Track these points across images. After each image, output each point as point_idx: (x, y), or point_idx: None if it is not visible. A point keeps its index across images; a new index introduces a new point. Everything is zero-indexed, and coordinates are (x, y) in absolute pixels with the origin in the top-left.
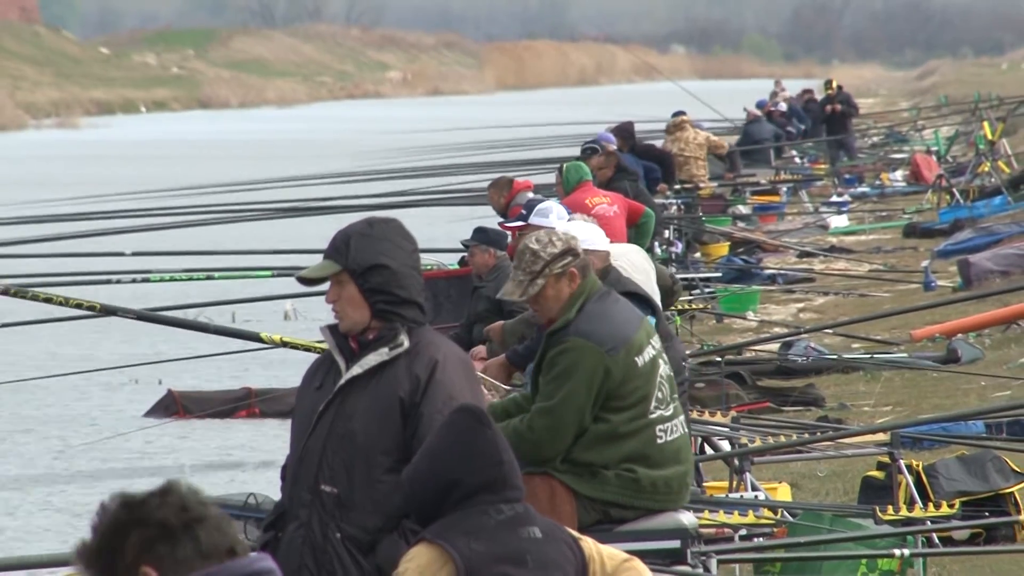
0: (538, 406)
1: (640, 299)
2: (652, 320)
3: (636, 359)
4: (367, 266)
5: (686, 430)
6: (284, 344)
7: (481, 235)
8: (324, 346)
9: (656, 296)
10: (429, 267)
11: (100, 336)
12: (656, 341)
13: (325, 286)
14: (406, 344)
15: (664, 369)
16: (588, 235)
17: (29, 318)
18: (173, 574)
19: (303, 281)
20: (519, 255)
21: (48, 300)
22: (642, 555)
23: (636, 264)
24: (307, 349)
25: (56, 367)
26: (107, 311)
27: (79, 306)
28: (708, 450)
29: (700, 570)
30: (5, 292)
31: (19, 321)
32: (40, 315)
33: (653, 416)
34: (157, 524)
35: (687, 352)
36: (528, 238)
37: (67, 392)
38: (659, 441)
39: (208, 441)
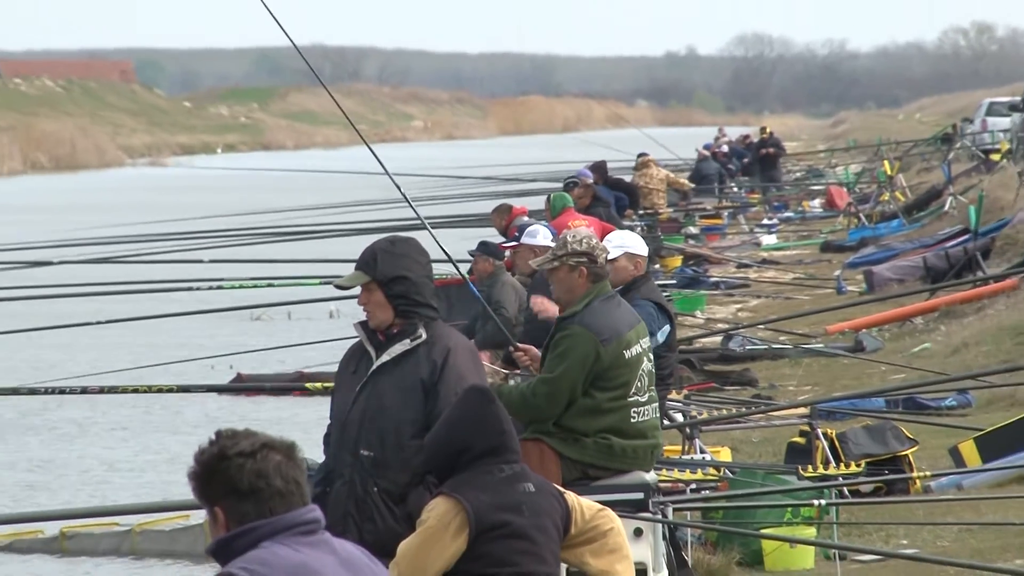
0: (541, 376)
1: (661, 308)
2: (668, 328)
3: (624, 352)
4: (391, 277)
5: (657, 415)
6: (325, 391)
7: (483, 247)
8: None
9: None
10: (442, 276)
11: (193, 334)
12: (645, 342)
13: (357, 290)
14: (424, 336)
15: (647, 365)
16: (635, 244)
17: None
18: (237, 520)
19: (339, 287)
20: (559, 239)
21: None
22: (613, 505)
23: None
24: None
25: (164, 357)
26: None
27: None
28: (665, 421)
29: (659, 516)
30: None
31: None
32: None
33: (630, 400)
34: (231, 480)
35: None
36: (571, 231)
37: (167, 372)
38: (632, 420)
39: (266, 413)
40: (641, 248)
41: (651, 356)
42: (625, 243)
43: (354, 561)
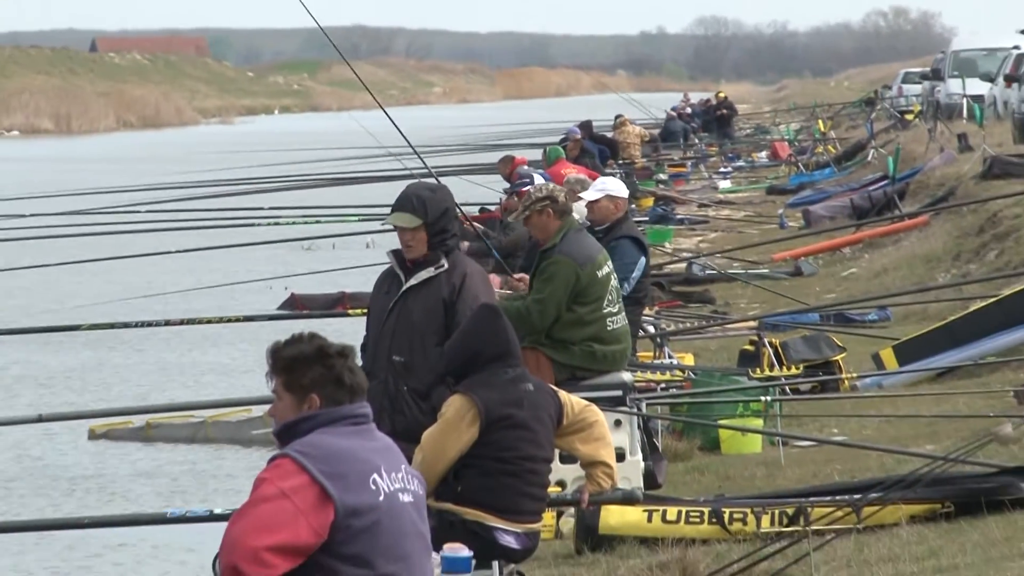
0: (533, 297)
1: (638, 243)
2: (642, 261)
3: (597, 272)
4: (436, 219)
5: (626, 323)
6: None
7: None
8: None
9: None
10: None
11: (256, 261)
12: (609, 264)
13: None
14: (446, 265)
15: (613, 282)
16: (616, 188)
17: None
18: (326, 404)
19: (395, 226)
20: (526, 196)
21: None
22: (597, 401)
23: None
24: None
25: (228, 278)
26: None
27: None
28: (640, 332)
29: (635, 410)
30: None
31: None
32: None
33: (605, 311)
34: (336, 374)
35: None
36: (533, 187)
37: (234, 291)
38: (609, 328)
39: (317, 324)
40: (621, 191)
41: (615, 275)
42: (607, 187)
43: (390, 449)
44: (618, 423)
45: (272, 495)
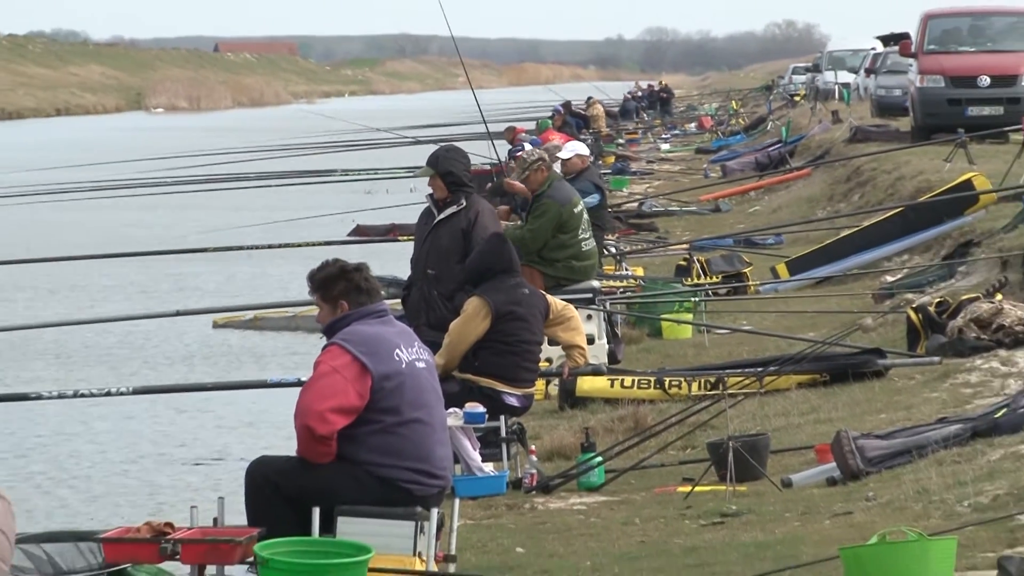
0: (528, 227)
1: (597, 186)
2: (598, 197)
3: (573, 210)
4: (446, 171)
5: (595, 244)
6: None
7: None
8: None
9: None
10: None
11: (332, 202)
12: (582, 203)
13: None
14: (464, 204)
15: (585, 216)
16: (582, 149)
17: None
18: (352, 306)
19: (421, 175)
20: (521, 160)
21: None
22: (574, 301)
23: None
24: None
25: (313, 213)
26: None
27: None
28: (605, 252)
29: (601, 308)
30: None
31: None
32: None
33: (580, 237)
34: (356, 282)
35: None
36: (525, 151)
37: (315, 223)
38: (583, 249)
39: (376, 248)
40: (585, 151)
41: (586, 211)
42: (576, 148)
43: (406, 331)
44: (589, 317)
45: (327, 372)
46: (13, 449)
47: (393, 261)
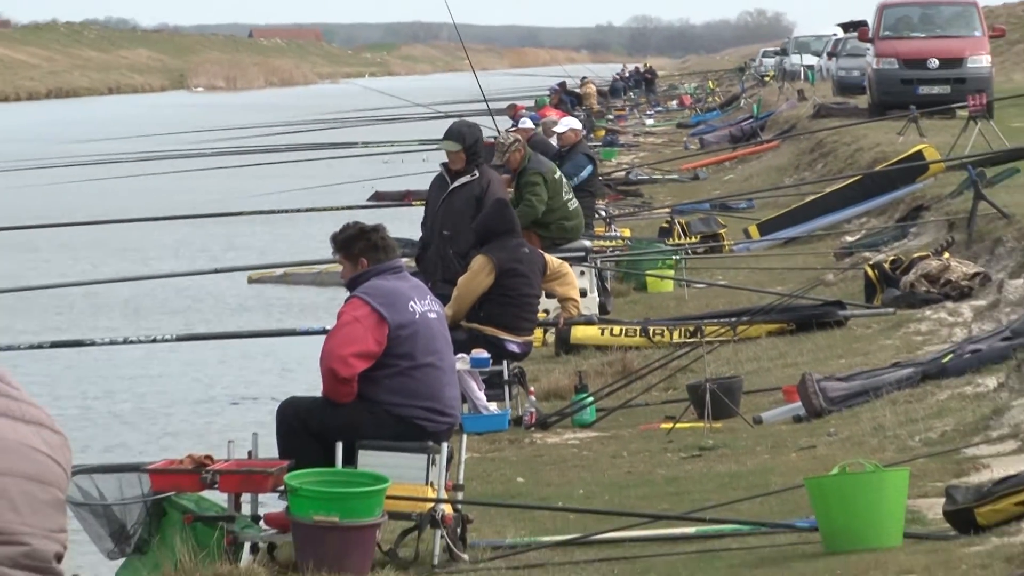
0: (525, 202)
1: (588, 156)
2: (590, 168)
3: (554, 176)
4: (470, 145)
5: (578, 204)
6: (421, 204)
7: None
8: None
9: None
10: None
11: (353, 170)
12: (558, 170)
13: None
14: (477, 175)
15: (565, 181)
16: (575, 123)
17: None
18: (371, 263)
19: (443, 147)
20: (499, 144)
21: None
22: (568, 259)
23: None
24: None
25: (337, 181)
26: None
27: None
28: (596, 215)
29: (592, 265)
30: None
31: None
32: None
33: (566, 198)
34: (374, 242)
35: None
36: (501, 135)
37: (335, 190)
38: (570, 208)
39: (392, 211)
40: (578, 125)
41: (564, 176)
42: (571, 123)
43: (419, 285)
44: (582, 273)
45: (349, 321)
46: (70, 389)
47: (408, 223)
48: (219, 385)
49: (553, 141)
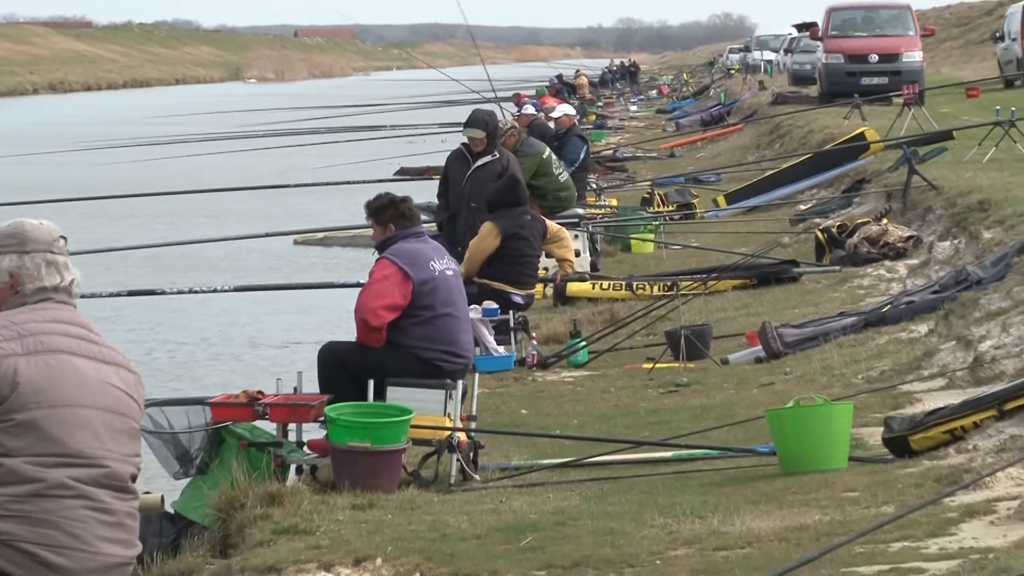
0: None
1: (582, 138)
2: (584, 148)
3: (543, 155)
4: (492, 131)
5: (568, 176)
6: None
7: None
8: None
9: None
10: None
11: (383, 150)
12: (547, 150)
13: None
14: (497, 155)
15: (555, 159)
16: (570, 109)
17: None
18: (398, 228)
19: (468, 132)
20: (499, 130)
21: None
22: (565, 226)
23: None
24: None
25: (371, 159)
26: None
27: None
28: (588, 187)
29: (585, 230)
30: None
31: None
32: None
33: (557, 173)
34: (402, 210)
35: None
36: (501, 121)
37: (362, 167)
38: (561, 181)
39: (415, 184)
40: (572, 111)
41: (555, 157)
42: (566, 109)
43: (438, 247)
44: (576, 236)
45: (379, 279)
46: (143, 333)
47: (429, 194)
48: (269, 331)
49: (552, 125)
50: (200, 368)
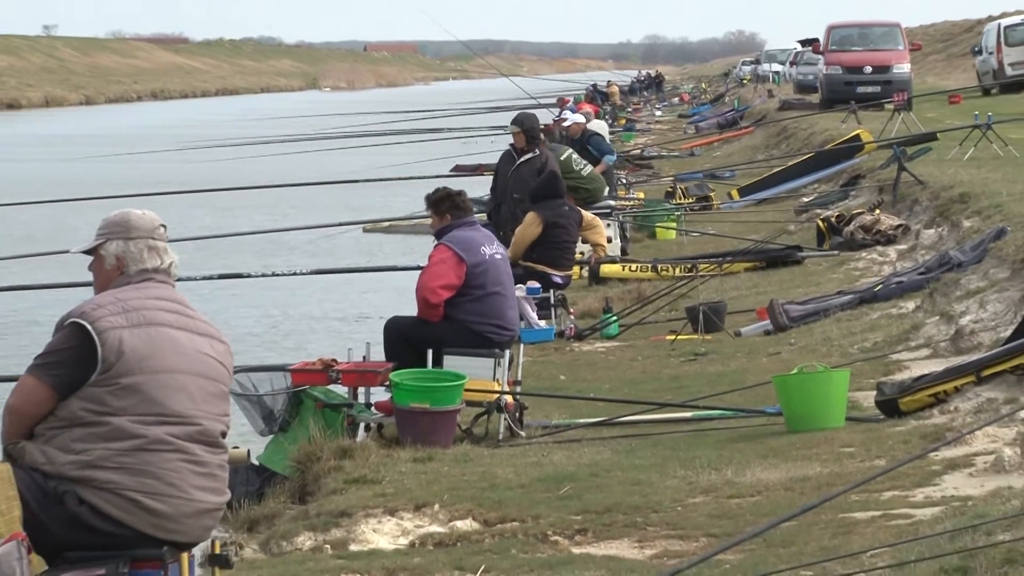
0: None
1: (597, 134)
2: (613, 157)
3: (560, 156)
4: (528, 129)
5: (592, 169)
6: (489, 174)
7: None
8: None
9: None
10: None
11: (438, 150)
12: (568, 150)
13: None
14: (538, 152)
15: (576, 157)
16: (579, 119)
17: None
18: (453, 218)
19: (511, 131)
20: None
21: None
22: (598, 215)
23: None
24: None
25: (425, 159)
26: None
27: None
28: (619, 183)
29: (616, 219)
30: None
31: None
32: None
33: (578, 171)
34: (457, 203)
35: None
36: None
37: (426, 165)
38: (584, 175)
39: (468, 179)
40: (582, 120)
41: (577, 156)
42: (576, 119)
43: (489, 235)
44: (608, 225)
45: (437, 262)
46: (232, 309)
47: (480, 189)
48: (342, 306)
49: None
50: (283, 339)
